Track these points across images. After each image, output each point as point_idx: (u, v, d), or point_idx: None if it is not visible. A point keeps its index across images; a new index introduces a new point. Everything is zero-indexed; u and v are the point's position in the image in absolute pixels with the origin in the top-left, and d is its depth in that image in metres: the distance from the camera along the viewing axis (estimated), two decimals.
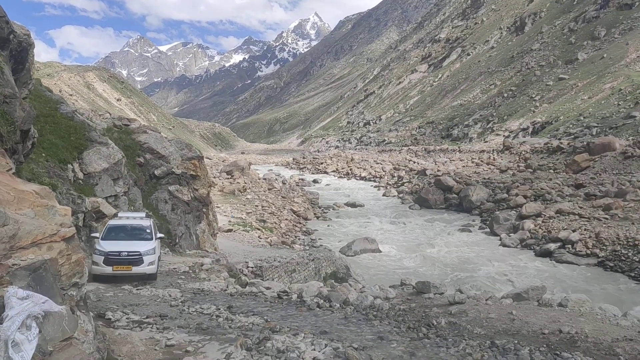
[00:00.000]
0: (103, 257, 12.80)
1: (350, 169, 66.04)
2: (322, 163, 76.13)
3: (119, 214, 14.98)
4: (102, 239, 13.41)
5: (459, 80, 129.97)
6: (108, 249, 13.00)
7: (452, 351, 6.61)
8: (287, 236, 29.99)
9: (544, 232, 24.21)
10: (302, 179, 57.27)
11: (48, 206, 5.33)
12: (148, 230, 14.38)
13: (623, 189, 27.16)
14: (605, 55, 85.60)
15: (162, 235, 15.23)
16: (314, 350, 6.56)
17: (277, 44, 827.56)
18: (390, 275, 20.24)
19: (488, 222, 28.75)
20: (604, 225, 22.70)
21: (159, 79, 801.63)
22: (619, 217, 23.26)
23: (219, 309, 9.65)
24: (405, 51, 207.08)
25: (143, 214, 15.45)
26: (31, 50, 9.97)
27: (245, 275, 16.44)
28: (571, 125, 64.32)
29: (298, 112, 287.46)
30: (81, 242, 13.67)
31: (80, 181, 15.98)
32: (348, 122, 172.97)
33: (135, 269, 12.91)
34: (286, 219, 34.21)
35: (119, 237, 13.86)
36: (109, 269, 12.78)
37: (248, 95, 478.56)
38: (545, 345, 6.79)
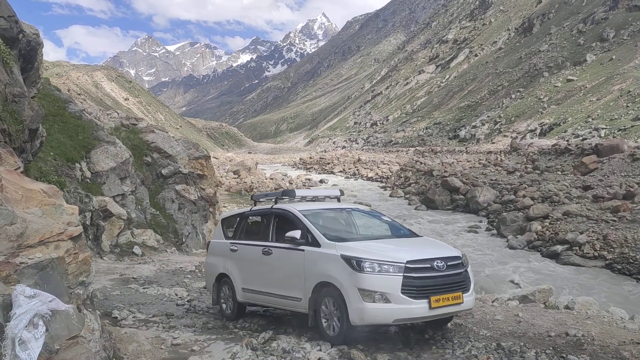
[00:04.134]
0: (400, 277, 6.32)
1: (357, 170, 66.02)
2: (328, 163, 76.15)
3: (297, 192, 8.83)
4: (328, 238, 7.12)
5: (466, 81, 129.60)
6: (403, 256, 6.56)
7: (458, 353, 6.60)
8: None
9: (551, 233, 24.09)
10: (309, 179, 57.28)
11: (55, 205, 5.36)
12: (387, 218, 8.67)
13: (631, 191, 26.98)
14: (614, 57, 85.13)
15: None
16: (320, 350, 6.57)
17: (284, 44, 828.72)
18: None
19: (495, 224, 28.64)
20: (612, 227, 22.56)
21: (167, 78, 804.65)
22: (627, 219, 23.11)
23: None
24: (413, 52, 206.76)
25: (337, 191, 9.40)
26: (40, 49, 10.02)
27: None
28: (579, 127, 64.01)
29: (305, 112, 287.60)
30: (88, 241, 13.67)
31: (88, 180, 16.06)
32: (355, 123, 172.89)
33: (467, 300, 6.79)
34: None
35: (355, 233, 7.92)
36: (421, 307, 6.33)
37: (255, 95, 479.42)
38: (551, 348, 6.76)
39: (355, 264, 6.46)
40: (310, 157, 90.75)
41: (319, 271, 6.91)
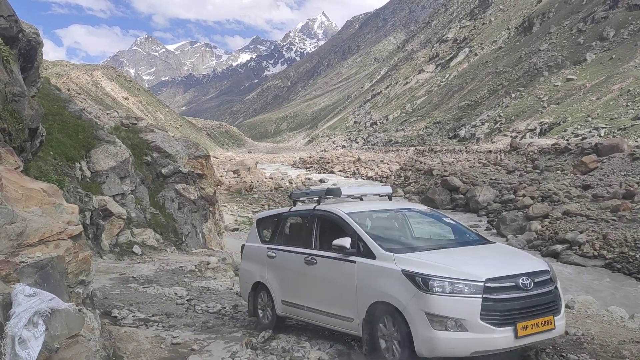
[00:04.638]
0: (479, 300, 5.20)
1: (357, 169, 66.02)
2: (328, 163, 76.17)
3: (343, 190, 7.62)
4: (384, 248, 5.99)
5: (466, 81, 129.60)
6: (480, 272, 5.40)
7: None
8: None
9: (551, 233, 24.11)
10: (309, 179, 57.28)
11: (55, 204, 5.36)
12: (450, 220, 7.28)
13: (631, 191, 27.01)
14: (614, 56, 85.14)
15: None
16: (319, 350, 6.58)
17: (284, 43, 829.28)
18: None
19: (495, 223, 28.66)
20: (612, 226, 22.57)
21: (167, 77, 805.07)
22: (626, 218, 23.13)
23: (225, 308, 9.68)
24: (413, 51, 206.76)
25: (388, 189, 8.39)
26: (40, 49, 10.03)
27: None
28: (579, 126, 64.03)
29: (305, 112, 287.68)
30: (88, 240, 13.66)
31: (88, 179, 16.06)
32: (355, 122, 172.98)
33: (558, 325, 5.67)
34: None
35: (415, 240, 6.79)
36: (506, 336, 5.18)
37: (255, 95, 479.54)
38: (551, 347, 6.77)
39: (421, 282, 5.36)
40: (310, 157, 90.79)
41: (374, 288, 5.83)
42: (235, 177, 49.26)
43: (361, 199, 8.01)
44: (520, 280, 5.42)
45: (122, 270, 13.36)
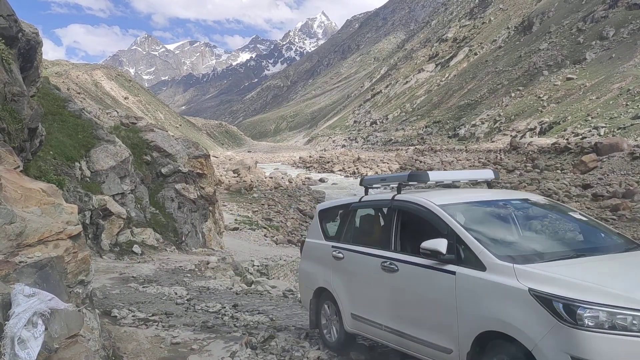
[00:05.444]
0: None
1: (357, 168, 66.05)
2: (328, 162, 76.20)
3: (431, 175, 5.69)
4: (499, 256, 4.18)
5: (466, 80, 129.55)
6: None
7: None
8: (293, 235, 30.06)
9: None
10: (309, 178, 57.29)
11: (55, 204, 5.36)
12: (578, 215, 5.36)
13: (631, 190, 27.04)
14: (613, 55, 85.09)
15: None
16: (318, 349, 6.58)
17: (284, 42, 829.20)
18: None
19: None
20: (612, 225, 22.59)
21: (166, 77, 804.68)
22: (626, 217, 23.16)
23: (225, 307, 9.67)
24: (412, 50, 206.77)
25: (488, 172, 6.18)
26: (39, 48, 10.03)
27: (251, 273, 16.48)
28: (579, 126, 64.00)
29: (304, 111, 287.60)
30: (87, 240, 13.64)
31: (88, 179, 16.05)
32: (355, 121, 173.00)
33: None
34: (292, 218, 34.27)
35: (537, 244, 4.75)
36: None
37: (255, 94, 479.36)
38: None
39: (562, 309, 3.57)
40: (310, 156, 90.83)
41: (485, 312, 4.11)
42: (235, 177, 49.28)
43: (451, 187, 6.31)
44: None
45: (122, 269, 13.34)
